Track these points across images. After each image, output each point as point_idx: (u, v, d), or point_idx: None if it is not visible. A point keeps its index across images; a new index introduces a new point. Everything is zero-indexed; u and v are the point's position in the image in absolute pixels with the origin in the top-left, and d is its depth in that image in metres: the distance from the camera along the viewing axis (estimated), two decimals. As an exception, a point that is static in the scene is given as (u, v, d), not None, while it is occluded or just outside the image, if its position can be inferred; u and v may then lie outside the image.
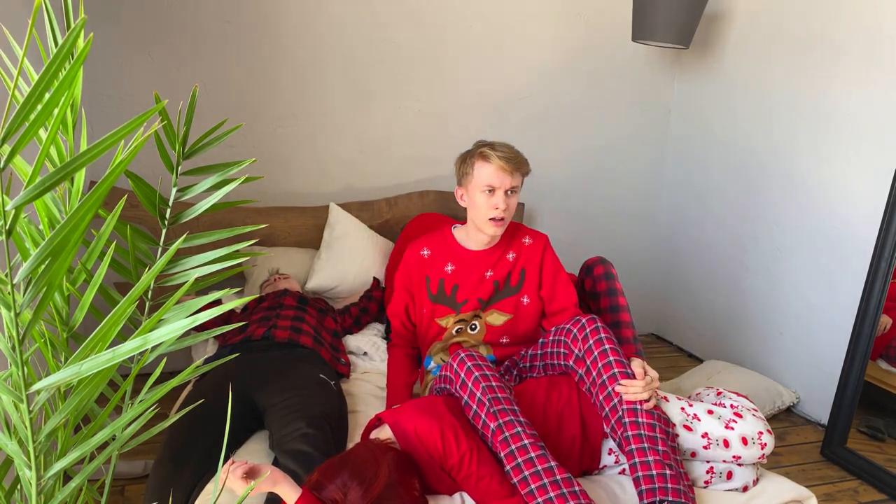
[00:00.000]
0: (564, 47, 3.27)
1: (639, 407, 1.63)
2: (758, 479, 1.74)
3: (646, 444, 1.58)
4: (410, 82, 3.07)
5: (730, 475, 1.69)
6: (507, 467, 1.53)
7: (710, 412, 1.70)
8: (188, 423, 1.69)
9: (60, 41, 0.83)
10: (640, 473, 1.56)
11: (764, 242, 3.05)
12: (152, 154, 2.66)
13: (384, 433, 1.61)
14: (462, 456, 1.50)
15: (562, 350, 1.78)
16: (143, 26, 2.66)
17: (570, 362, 1.76)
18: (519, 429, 1.55)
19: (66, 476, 1.30)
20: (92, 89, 2.66)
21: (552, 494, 1.47)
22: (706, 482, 1.69)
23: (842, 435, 2.55)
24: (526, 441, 1.54)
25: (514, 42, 3.18)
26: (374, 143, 3.09)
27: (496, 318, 2.01)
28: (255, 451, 1.74)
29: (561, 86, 3.32)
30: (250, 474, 1.38)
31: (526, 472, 1.50)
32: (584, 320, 1.74)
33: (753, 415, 1.71)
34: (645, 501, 1.53)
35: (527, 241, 2.03)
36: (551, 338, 1.82)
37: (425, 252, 2.03)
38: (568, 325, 1.77)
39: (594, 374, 1.69)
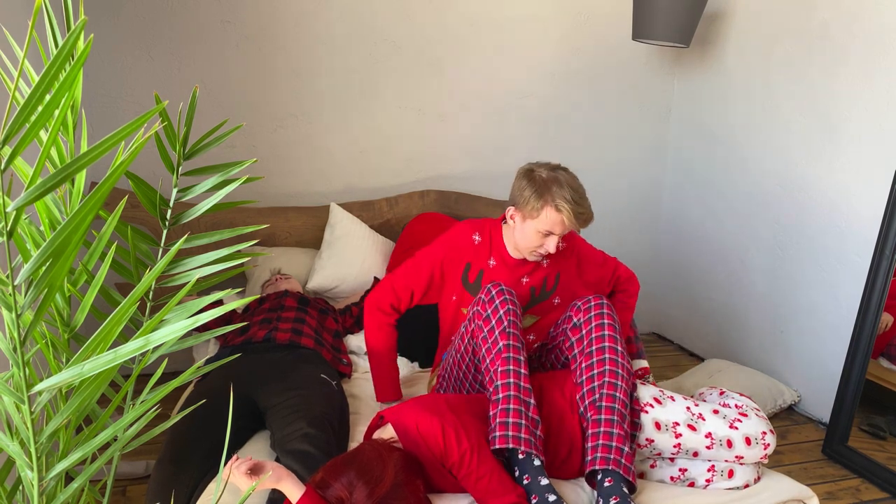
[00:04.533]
0: (565, 46, 3.27)
1: (617, 388, 1.66)
2: (759, 478, 1.74)
3: (615, 417, 1.63)
4: (410, 82, 3.07)
5: (731, 474, 1.69)
6: (490, 389, 1.64)
7: (716, 412, 1.70)
8: (190, 424, 1.69)
9: (61, 42, 0.83)
10: (600, 442, 1.61)
11: (765, 241, 3.05)
12: (153, 155, 2.66)
13: (387, 432, 1.61)
14: (462, 454, 1.50)
15: (565, 327, 1.81)
16: (143, 26, 2.66)
17: (567, 329, 1.80)
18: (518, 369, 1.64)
19: (68, 477, 1.30)
20: (92, 90, 2.66)
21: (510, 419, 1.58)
22: (707, 480, 1.69)
23: (843, 433, 2.55)
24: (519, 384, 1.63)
25: (514, 41, 3.18)
26: (375, 143, 3.09)
27: (526, 321, 2.00)
28: (257, 451, 1.74)
29: (561, 85, 3.32)
30: (254, 471, 1.38)
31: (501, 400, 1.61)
32: (591, 297, 1.78)
33: (757, 414, 1.71)
34: (598, 468, 1.58)
35: (560, 245, 2.01)
36: (560, 320, 1.85)
37: (477, 238, 1.96)
38: (578, 302, 1.80)
39: (585, 343, 1.73)
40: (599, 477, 1.58)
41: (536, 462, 1.55)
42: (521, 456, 1.56)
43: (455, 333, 1.98)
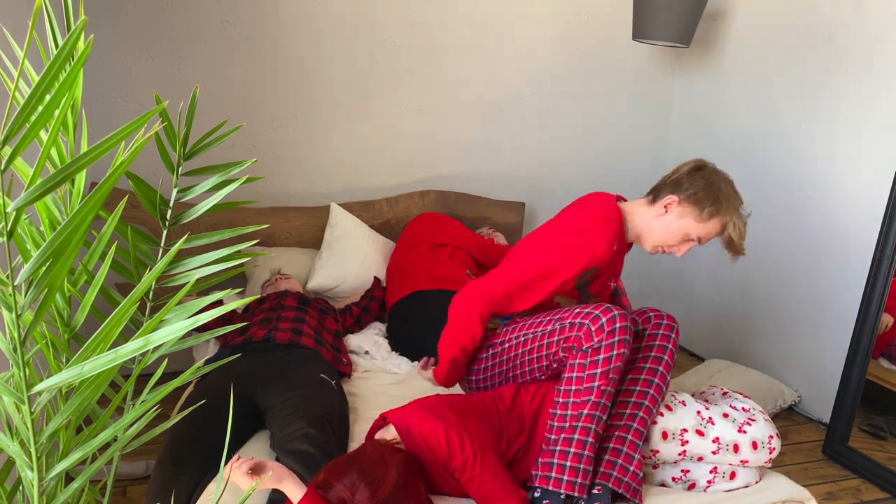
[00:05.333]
0: (565, 46, 3.27)
1: (652, 414, 1.65)
2: (760, 479, 1.73)
3: (640, 442, 1.62)
4: (410, 82, 3.07)
5: (733, 475, 1.68)
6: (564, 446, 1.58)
7: (726, 415, 1.70)
8: (190, 424, 1.69)
9: (61, 42, 0.83)
10: (619, 462, 1.61)
11: (765, 241, 3.04)
12: (153, 155, 2.66)
13: (389, 433, 1.61)
14: (465, 459, 1.50)
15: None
16: (143, 26, 2.66)
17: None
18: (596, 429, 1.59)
19: (68, 477, 1.30)
20: (92, 90, 2.66)
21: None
22: (709, 482, 1.68)
23: (843, 433, 2.54)
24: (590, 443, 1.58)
25: (514, 41, 3.18)
26: (375, 143, 3.09)
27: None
28: (257, 451, 1.74)
29: (561, 85, 3.32)
30: (255, 470, 1.37)
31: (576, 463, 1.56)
32: (666, 314, 1.74)
33: (764, 418, 1.70)
34: (610, 487, 1.58)
35: None
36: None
37: (615, 248, 1.78)
38: (650, 313, 1.75)
39: (640, 354, 1.70)
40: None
41: (563, 496, 1.56)
42: (562, 497, 1.56)
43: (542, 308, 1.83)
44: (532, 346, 1.70)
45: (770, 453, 1.66)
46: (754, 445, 1.65)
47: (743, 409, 1.74)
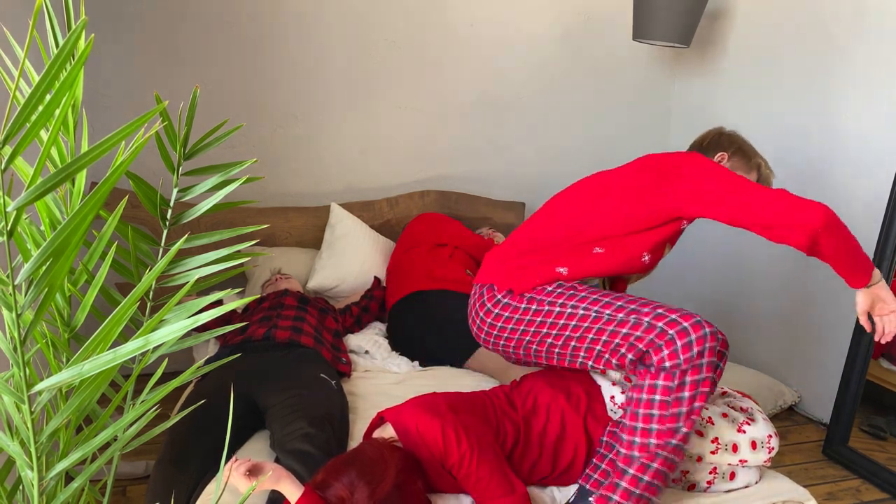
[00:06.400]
0: (565, 47, 3.27)
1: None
2: (760, 479, 1.73)
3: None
4: (410, 82, 3.07)
5: (732, 476, 1.68)
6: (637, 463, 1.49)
7: (725, 415, 1.69)
8: (189, 424, 1.69)
9: (61, 42, 0.83)
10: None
11: (765, 241, 3.04)
12: (153, 155, 2.66)
13: (387, 432, 1.61)
14: (462, 455, 1.50)
15: None
16: (143, 26, 2.67)
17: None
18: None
19: (68, 477, 1.30)
20: (92, 90, 2.66)
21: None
22: (708, 482, 1.68)
23: (843, 434, 2.54)
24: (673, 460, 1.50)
25: (514, 41, 3.18)
26: (375, 143, 3.09)
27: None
28: (257, 450, 1.74)
29: (561, 85, 3.32)
30: (253, 472, 1.38)
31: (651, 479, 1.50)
32: (721, 341, 1.59)
33: (763, 418, 1.70)
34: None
35: None
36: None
37: None
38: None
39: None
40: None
41: None
42: None
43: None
44: (588, 326, 1.47)
45: (769, 453, 1.66)
46: (753, 445, 1.65)
47: (742, 408, 1.74)
